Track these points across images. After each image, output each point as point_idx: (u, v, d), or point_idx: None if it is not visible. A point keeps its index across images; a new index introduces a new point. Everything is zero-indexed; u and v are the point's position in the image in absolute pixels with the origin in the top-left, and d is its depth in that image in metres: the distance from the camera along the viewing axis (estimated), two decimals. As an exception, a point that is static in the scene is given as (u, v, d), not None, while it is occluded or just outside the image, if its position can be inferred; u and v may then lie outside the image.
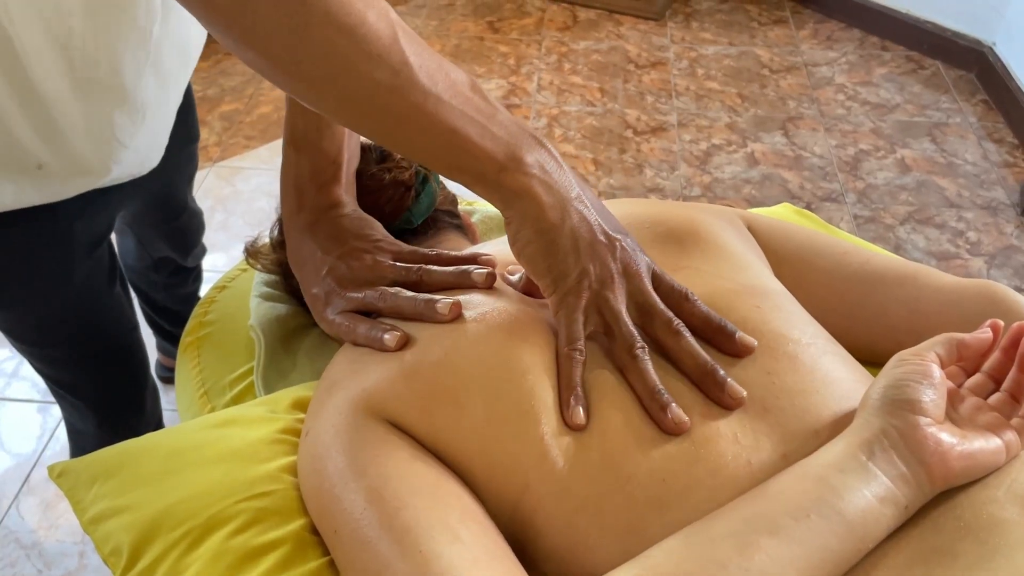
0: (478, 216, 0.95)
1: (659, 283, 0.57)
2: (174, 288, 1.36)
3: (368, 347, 0.58)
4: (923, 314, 0.65)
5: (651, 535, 0.47)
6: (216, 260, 1.80)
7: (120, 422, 1.02)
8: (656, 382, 0.52)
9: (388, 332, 0.56)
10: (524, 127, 0.55)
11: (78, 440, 1.07)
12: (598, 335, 0.56)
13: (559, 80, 2.40)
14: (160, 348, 1.54)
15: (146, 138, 0.81)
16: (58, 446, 1.46)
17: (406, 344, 0.56)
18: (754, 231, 0.70)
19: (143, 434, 0.64)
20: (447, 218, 0.78)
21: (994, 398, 0.51)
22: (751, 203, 1.95)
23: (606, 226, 0.56)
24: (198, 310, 0.87)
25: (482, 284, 0.59)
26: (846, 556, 0.43)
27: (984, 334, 0.51)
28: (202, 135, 1.11)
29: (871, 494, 0.44)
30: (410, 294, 0.59)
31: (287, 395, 0.67)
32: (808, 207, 1.92)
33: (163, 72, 0.78)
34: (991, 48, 2.31)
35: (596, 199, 0.58)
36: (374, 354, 0.57)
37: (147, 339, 1.07)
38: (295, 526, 0.53)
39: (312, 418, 0.56)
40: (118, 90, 0.73)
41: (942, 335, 0.51)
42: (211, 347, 0.82)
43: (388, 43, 0.49)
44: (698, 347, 0.54)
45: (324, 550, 0.53)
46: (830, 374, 0.54)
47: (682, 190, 2.00)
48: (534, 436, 0.50)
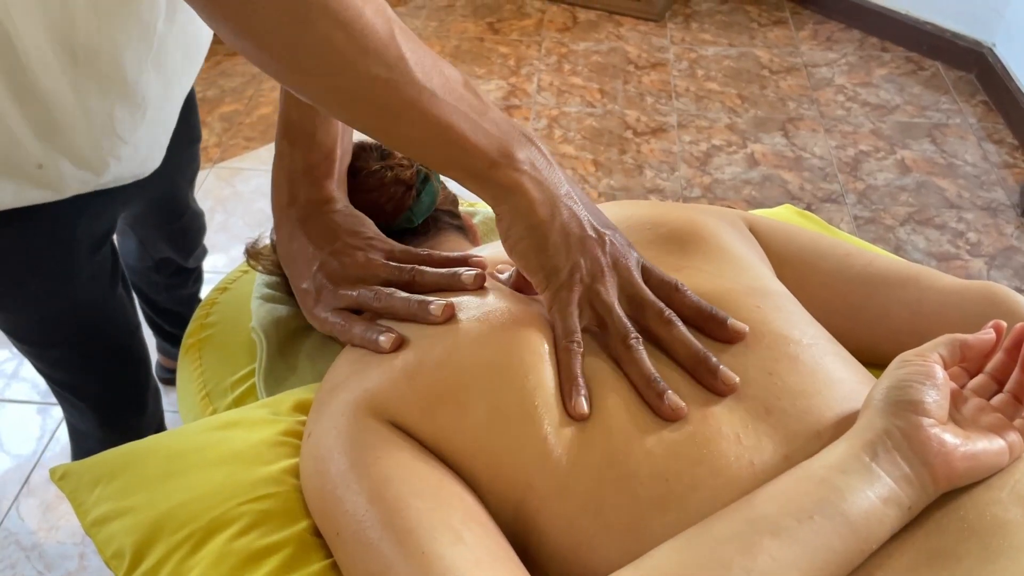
0: (480, 218, 0.95)
1: (649, 276, 0.58)
2: (175, 289, 1.36)
3: (363, 348, 0.58)
4: (925, 316, 0.65)
5: (653, 535, 0.47)
6: (216, 261, 1.80)
7: (122, 423, 1.02)
8: (652, 370, 0.53)
9: (383, 334, 0.57)
10: (515, 125, 0.56)
11: (80, 441, 1.07)
12: (592, 328, 0.56)
13: (559, 81, 2.40)
14: (160, 349, 1.54)
15: (147, 135, 0.81)
16: (58, 447, 1.46)
17: (401, 346, 0.56)
18: (756, 232, 0.70)
19: (145, 435, 0.64)
20: (447, 218, 0.78)
21: (997, 399, 0.51)
22: (751, 204, 1.95)
23: (595, 221, 0.57)
24: (199, 312, 0.87)
25: (471, 286, 0.59)
26: (849, 557, 0.43)
27: (987, 335, 0.51)
28: (202, 136, 1.11)
29: (874, 495, 0.44)
30: (404, 295, 0.59)
31: (289, 397, 0.67)
32: (808, 208, 1.92)
33: (166, 69, 0.78)
34: (991, 49, 2.31)
35: (584, 196, 0.58)
36: (376, 355, 0.57)
37: (147, 340, 1.07)
38: (298, 528, 0.53)
39: (314, 420, 0.56)
40: (119, 83, 0.73)
41: (945, 336, 0.51)
42: (212, 349, 0.82)
43: (385, 38, 0.50)
44: (690, 335, 0.55)
45: (327, 552, 0.53)
46: (832, 375, 0.54)
47: (682, 191, 2.00)
48: (537, 435, 0.50)
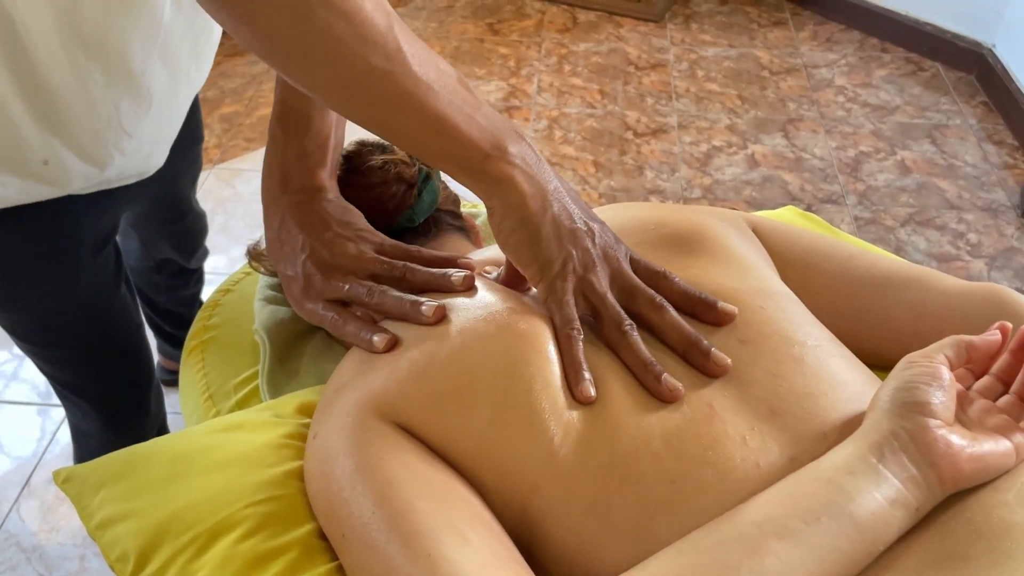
0: (483, 219, 0.95)
1: (637, 266, 0.59)
2: (176, 290, 1.36)
3: (355, 346, 0.59)
4: (929, 317, 0.65)
5: (660, 537, 0.47)
6: (216, 262, 1.79)
7: (125, 423, 1.02)
8: (647, 354, 0.54)
9: (377, 334, 0.57)
10: (506, 120, 0.57)
11: (82, 441, 1.06)
12: (586, 319, 0.57)
13: (559, 82, 2.40)
14: (161, 350, 1.53)
15: (152, 130, 0.81)
16: (58, 449, 1.46)
17: (395, 346, 0.56)
18: (759, 234, 0.70)
19: (148, 435, 0.64)
20: (449, 219, 0.78)
21: (1003, 400, 0.51)
22: (751, 205, 1.95)
23: (583, 215, 0.58)
24: (202, 314, 0.87)
25: (460, 287, 0.60)
26: (856, 559, 0.43)
27: (993, 336, 0.51)
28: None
29: (881, 496, 0.44)
30: (397, 294, 0.60)
31: (293, 400, 0.67)
32: (809, 209, 1.92)
33: (172, 62, 0.78)
34: (991, 50, 2.31)
35: (572, 191, 0.59)
36: (383, 356, 0.57)
37: (148, 341, 1.06)
38: (302, 531, 0.53)
39: (320, 420, 0.56)
40: (125, 74, 0.73)
41: (951, 337, 0.51)
42: (215, 351, 0.82)
43: (384, 30, 0.51)
44: (681, 320, 0.56)
45: (332, 555, 0.52)
46: (837, 376, 0.54)
47: (682, 192, 2.00)
48: (543, 437, 0.50)
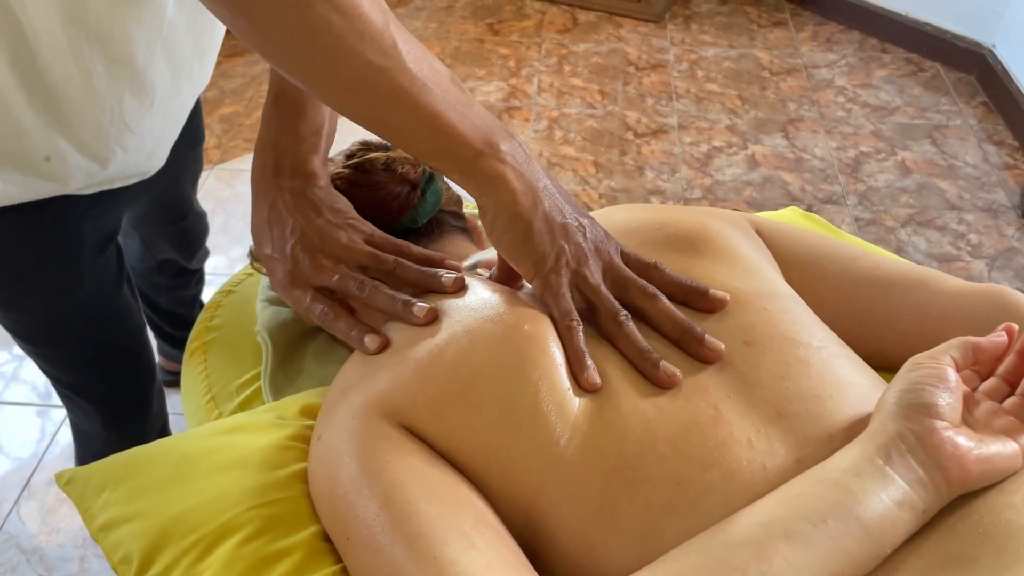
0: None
1: (627, 259, 0.60)
2: (177, 290, 1.36)
3: (345, 343, 0.58)
4: (934, 319, 0.64)
5: (667, 540, 0.46)
6: (216, 263, 1.79)
7: (126, 423, 1.02)
8: (644, 343, 0.55)
9: (368, 335, 0.58)
10: (496, 120, 0.58)
11: (84, 442, 1.06)
12: (582, 312, 0.57)
13: (559, 82, 2.40)
14: (161, 351, 1.53)
15: (153, 127, 0.81)
16: (58, 450, 1.46)
17: (385, 348, 0.57)
18: (763, 235, 0.70)
19: (149, 436, 0.64)
20: (452, 220, 0.78)
21: (1009, 402, 0.51)
22: (752, 205, 1.95)
23: (573, 211, 0.59)
24: (204, 315, 0.87)
25: (450, 288, 0.60)
26: (864, 561, 0.43)
27: (999, 337, 0.51)
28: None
29: (889, 498, 0.44)
30: (389, 292, 0.60)
31: (296, 401, 0.67)
32: (809, 209, 1.92)
33: (175, 58, 0.78)
34: (991, 50, 2.31)
35: (561, 188, 0.60)
36: (387, 356, 0.57)
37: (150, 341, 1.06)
38: (307, 534, 0.53)
39: (324, 422, 0.56)
40: (128, 68, 0.73)
41: (957, 338, 0.51)
42: (218, 352, 0.82)
43: (381, 27, 0.51)
44: (674, 308, 0.57)
45: (336, 558, 0.52)
46: (843, 378, 0.54)
47: (683, 192, 2.00)
48: (549, 439, 0.50)
